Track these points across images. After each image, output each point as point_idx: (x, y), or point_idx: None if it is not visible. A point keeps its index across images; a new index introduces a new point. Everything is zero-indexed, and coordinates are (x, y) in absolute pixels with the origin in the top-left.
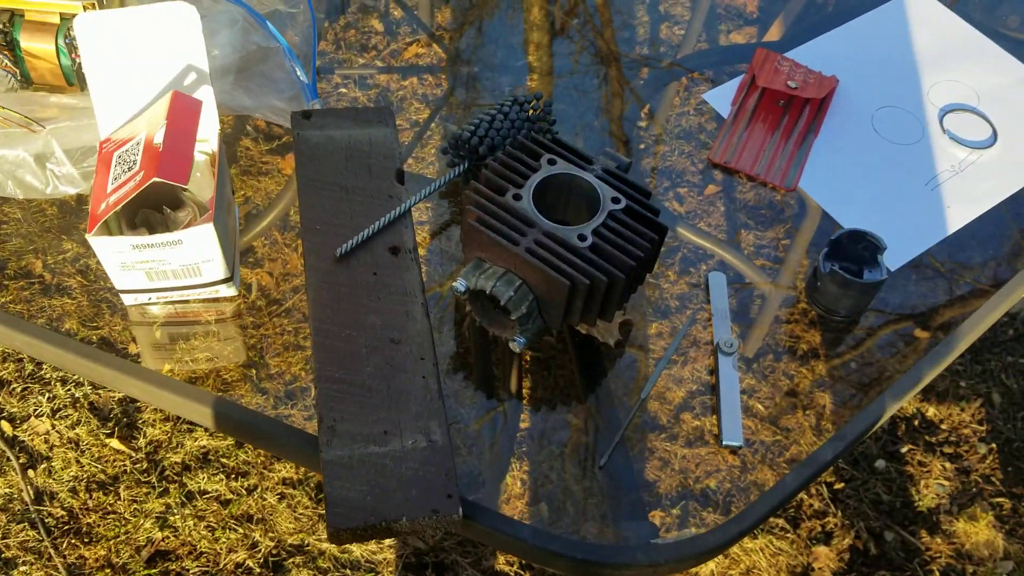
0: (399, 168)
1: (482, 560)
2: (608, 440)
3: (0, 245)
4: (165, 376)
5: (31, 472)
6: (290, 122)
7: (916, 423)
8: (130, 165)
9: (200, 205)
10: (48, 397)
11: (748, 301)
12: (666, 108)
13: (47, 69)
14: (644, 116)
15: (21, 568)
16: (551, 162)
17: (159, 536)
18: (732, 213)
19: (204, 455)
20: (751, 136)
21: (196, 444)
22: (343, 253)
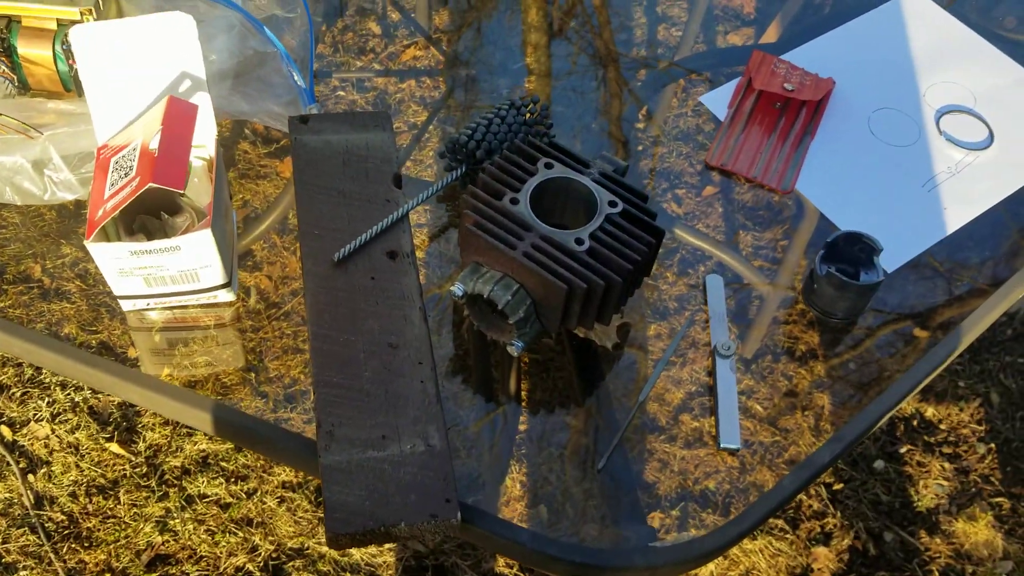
0: (396, 172)
1: (482, 563)
2: (607, 442)
3: None
4: (163, 381)
5: (31, 477)
6: (287, 127)
7: (915, 423)
8: (127, 171)
9: (198, 210)
10: (48, 402)
11: (746, 302)
12: (664, 110)
13: (44, 75)
14: (642, 118)
15: (21, 572)
16: (548, 166)
17: (159, 540)
18: (730, 214)
19: (204, 459)
20: (748, 139)
21: (196, 448)
22: (341, 258)
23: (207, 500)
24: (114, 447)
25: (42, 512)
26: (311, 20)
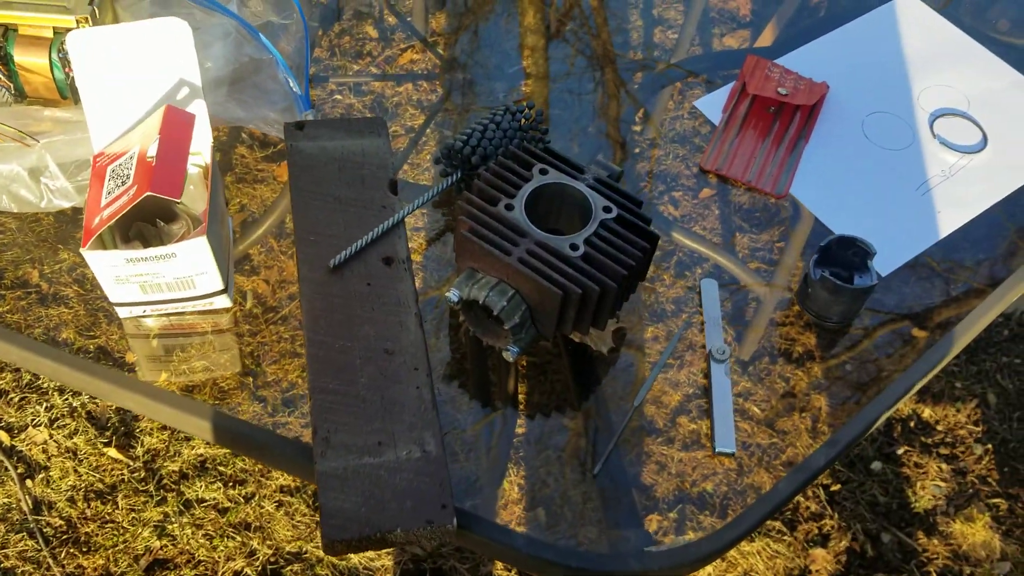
0: (392, 178)
1: (480, 566)
2: (605, 444)
3: None
4: (160, 388)
5: (29, 482)
6: (283, 133)
7: (912, 424)
8: (124, 179)
9: (194, 217)
10: (46, 407)
11: (743, 304)
12: (660, 112)
13: (41, 83)
14: (638, 120)
15: None
16: (543, 172)
17: (157, 545)
18: (727, 216)
19: (202, 463)
20: (742, 143)
21: (193, 452)
22: (337, 264)
23: (205, 504)
24: (112, 452)
25: (40, 517)
26: (307, 26)
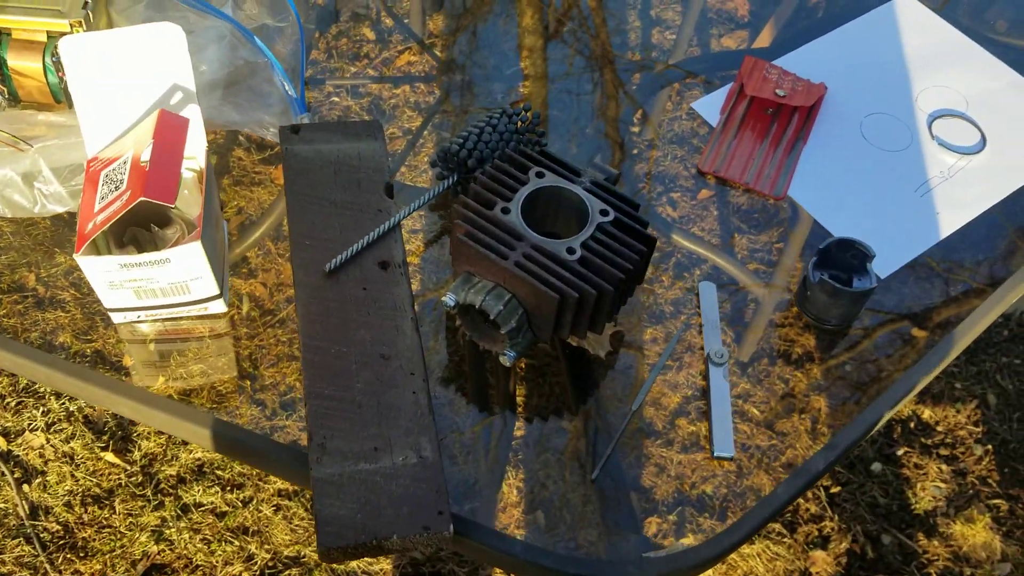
0: (388, 182)
1: (479, 570)
2: (604, 446)
3: None
4: (154, 394)
5: (26, 487)
6: (279, 137)
7: (912, 425)
8: (117, 184)
9: (188, 222)
10: (42, 411)
11: (742, 305)
12: (659, 113)
13: (35, 87)
14: (637, 121)
15: None
16: (539, 175)
17: (155, 550)
18: (726, 217)
19: (199, 467)
20: (740, 145)
21: (191, 456)
22: (332, 268)
23: (203, 509)
24: (109, 456)
25: (37, 522)
26: (302, 29)
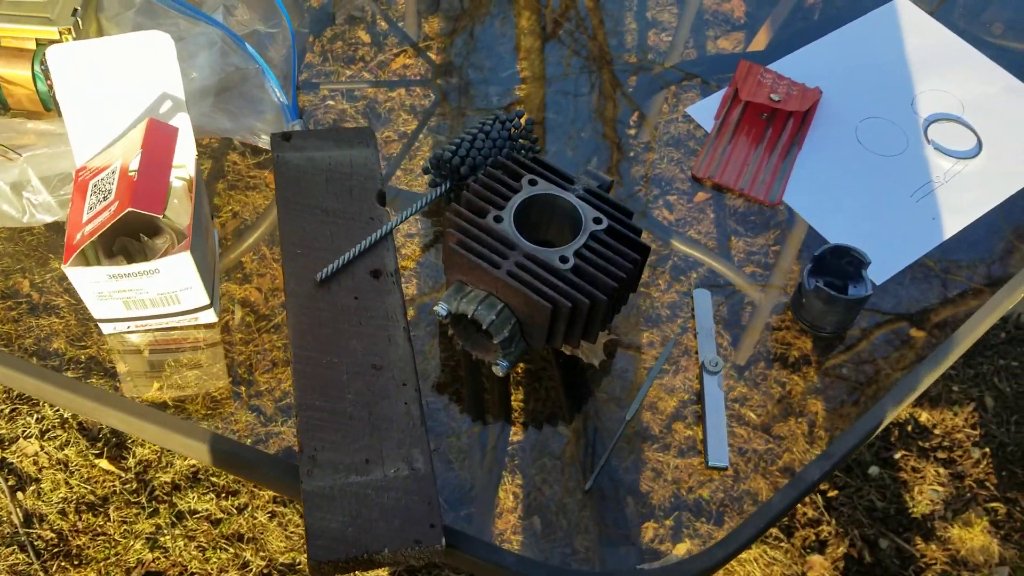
0: (380, 190)
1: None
2: (599, 453)
3: None
4: (144, 406)
5: (20, 494)
6: (270, 144)
7: (909, 428)
8: (105, 194)
9: (178, 231)
10: (36, 418)
11: (738, 309)
12: (655, 116)
13: (24, 95)
14: (633, 124)
15: None
16: (532, 183)
17: (149, 557)
18: (721, 221)
19: (194, 474)
20: (735, 150)
21: (186, 463)
22: (324, 277)
23: (198, 516)
24: (104, 463)
25: (31, 530)
26: (293, 35)
